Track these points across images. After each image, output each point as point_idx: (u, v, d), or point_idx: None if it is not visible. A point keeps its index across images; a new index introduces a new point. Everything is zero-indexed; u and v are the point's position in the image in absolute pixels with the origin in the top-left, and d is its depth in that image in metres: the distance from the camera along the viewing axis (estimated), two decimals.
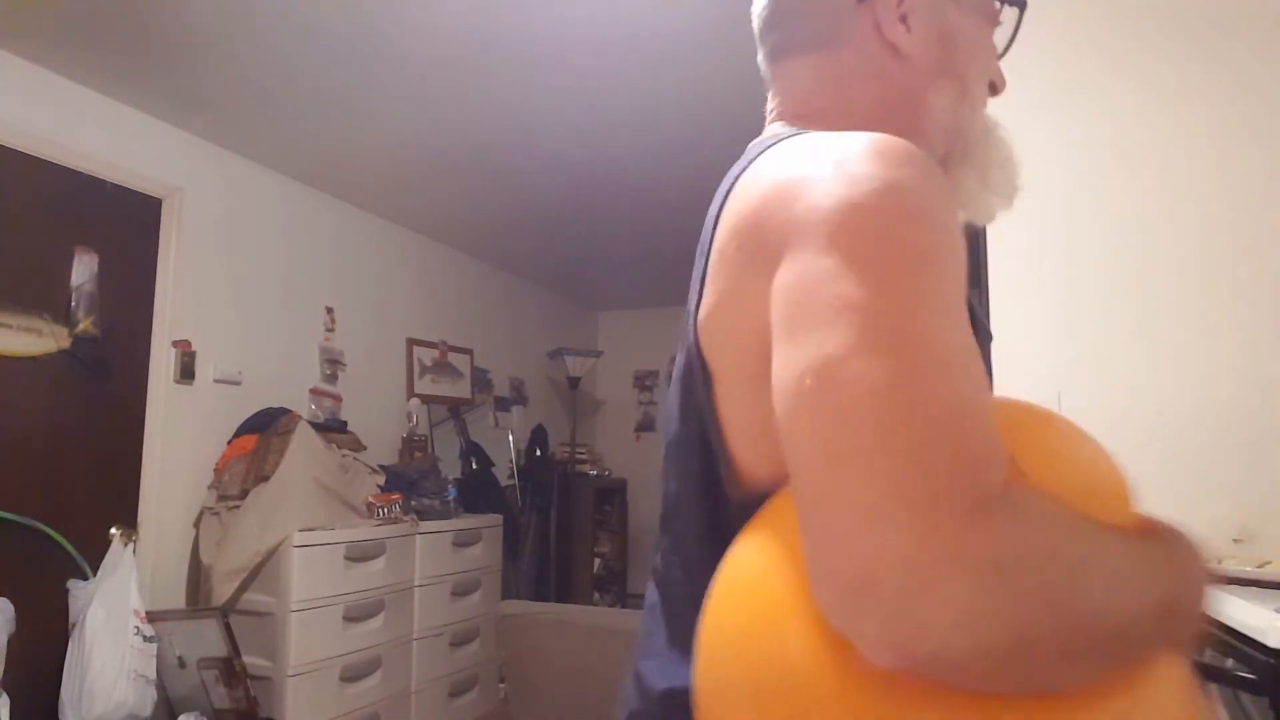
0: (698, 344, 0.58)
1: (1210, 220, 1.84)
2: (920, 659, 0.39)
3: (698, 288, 0.60)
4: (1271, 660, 1.06)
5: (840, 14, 0.66)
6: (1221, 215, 1.83)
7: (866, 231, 0.46)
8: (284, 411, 3.19)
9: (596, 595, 5.17)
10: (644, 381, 6.10)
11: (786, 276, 0.48)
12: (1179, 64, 1.90)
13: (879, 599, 0.39)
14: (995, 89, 0.69)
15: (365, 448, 3.52)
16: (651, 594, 0.67)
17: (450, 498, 3.64)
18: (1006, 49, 0.69)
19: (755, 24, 0.73)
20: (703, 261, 0.60)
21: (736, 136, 3.49)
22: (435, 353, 4.37)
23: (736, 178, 0.59)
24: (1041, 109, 1.98)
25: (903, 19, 0.64)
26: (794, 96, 0.69)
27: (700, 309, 0.59)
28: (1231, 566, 1.50)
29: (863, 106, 0.65)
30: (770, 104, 0.72)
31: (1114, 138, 1.91)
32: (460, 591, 3.55)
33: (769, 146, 0.59)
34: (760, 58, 0.74)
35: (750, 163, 0.59)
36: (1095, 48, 1.96)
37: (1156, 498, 1.86)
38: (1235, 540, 1.72)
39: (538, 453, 5.01)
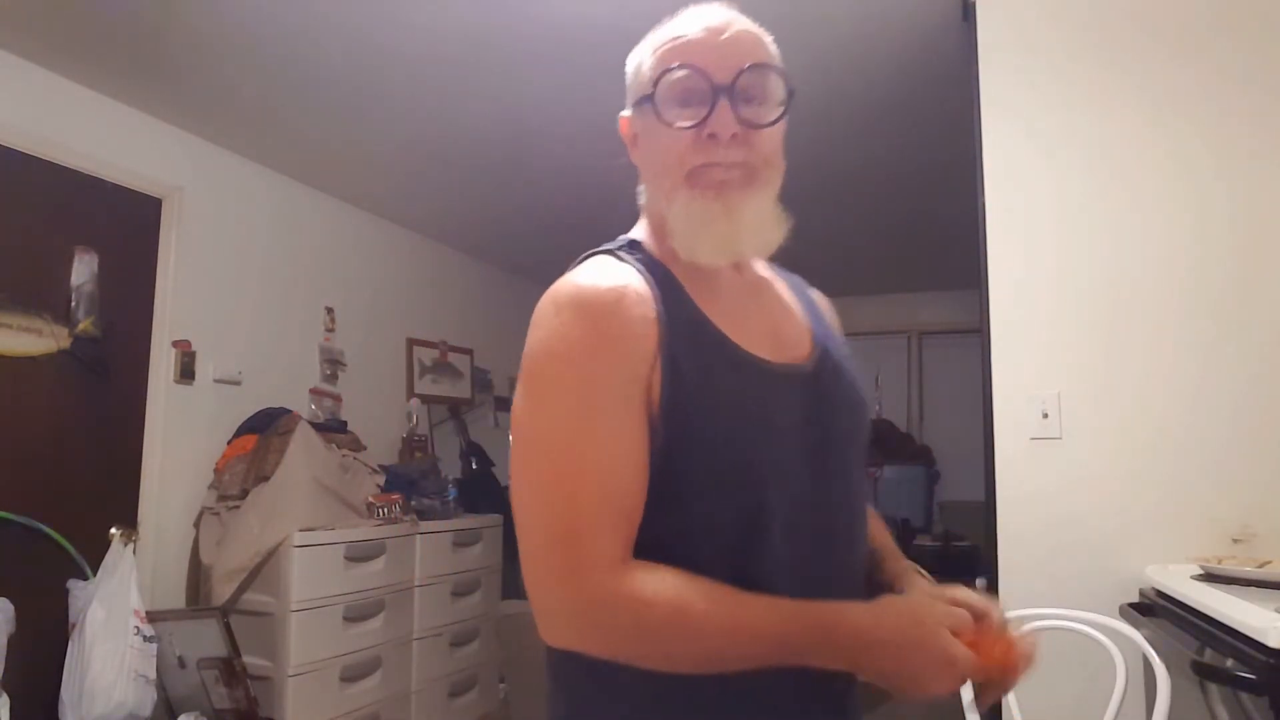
0: None
1: (1210, 220, 1.84)
2: (559, 647, 0.74)
3: None
4: (1271, 660, 1.06)
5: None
6: (1221, 215, 1.83)
7: (525, 369, 0.79)
8: (284, 411, 3.19)
9: None
10: None
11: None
12: (1178, 64, 1.90)
13: (534, 608, 0.73)
14: (699, 152, 0.80)
15: (365, 448, 3.52)
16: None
17: (450, 498, 3.64)
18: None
19: None
20: None
21: None
22: (435, 353, 4.37)
23: None
24: (1041, 109, 1.98)
25: (631, 140, 0.90)
26: None
27: None
28: (1231, 566, 1.50)
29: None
30: None
31: (1114, 138, 1.92)
32: (460, 591, 3.55)
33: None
34: None
35: None
36: (1095, 50, 1.96)
37: (1157, 497, 1.86)
38: (1235, 540, 1.72)
39: None
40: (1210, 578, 1.49)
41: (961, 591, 0.79)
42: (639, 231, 0.88)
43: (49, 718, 2.36)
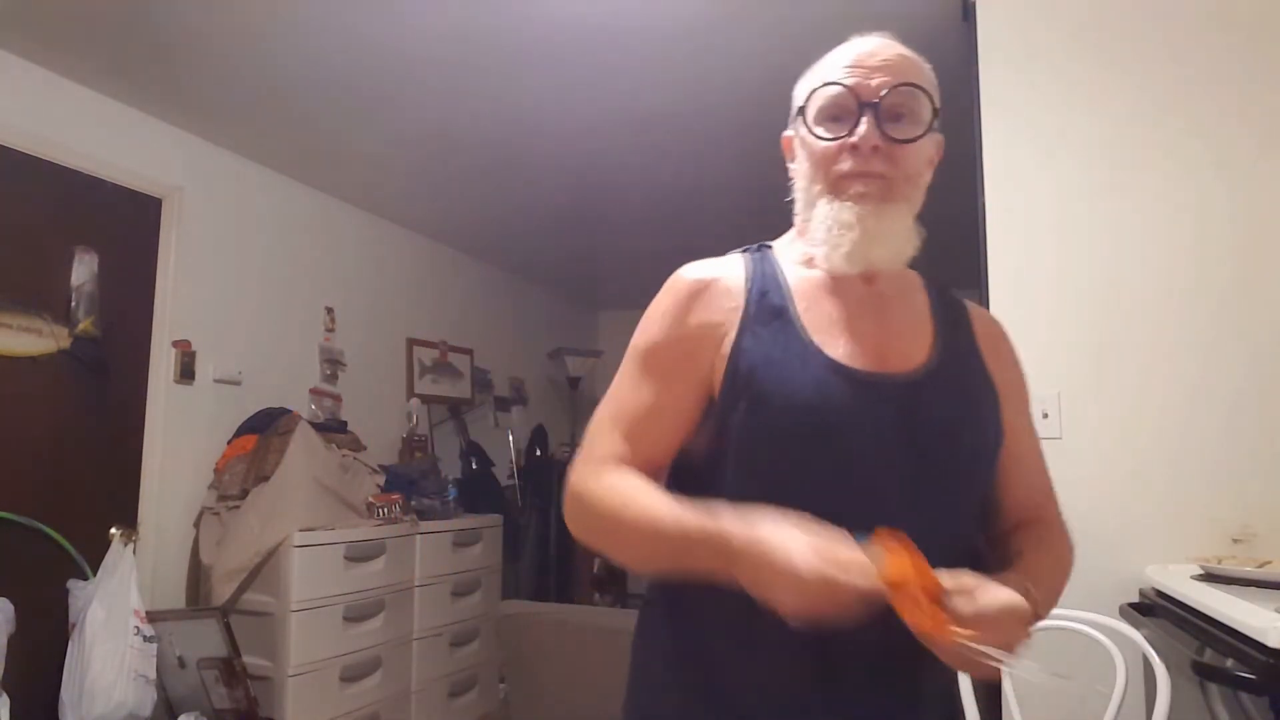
0: None
1: (1210, 220, 1.84)
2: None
3: None
4: (1271, 660, 1.06)
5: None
6: (1221, 215, 1.83)
7: None
8: (284, 411, 3.19)
9: (596, 595, 5.16)
10: None
11: None
12: (1178, 65, 1.90)
13: None
14: (843, 161, 0.85)
15: (365, 448, 3.52)
16: None
17: (450, 498, 3.64)
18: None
19: None
20: None
21: (735, 134, 3.49)
22: (435, 353, 4.37)
23: None
24: (1041, 109, 1.98)
25: (790, 156, 0.95)
26: None
27: None
28: (1231, 566, 1.50)
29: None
30: None
31: (1114, 138, 1.92)
32: (460, 591, 3.55)
33: None
34: None
35: None
36: (1095, 50, 1.96)
37: (1157, 497, 1.86)
38: (1235, 540, 1.72)
39: (538, 453, 5.01)
40: (1210, 578, 1.49)
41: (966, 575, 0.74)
42: (785, 238, 0.96)
43: (49, 718, 2.36)
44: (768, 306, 0.86)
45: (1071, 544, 0.95)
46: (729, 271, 0.89)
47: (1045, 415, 1.88)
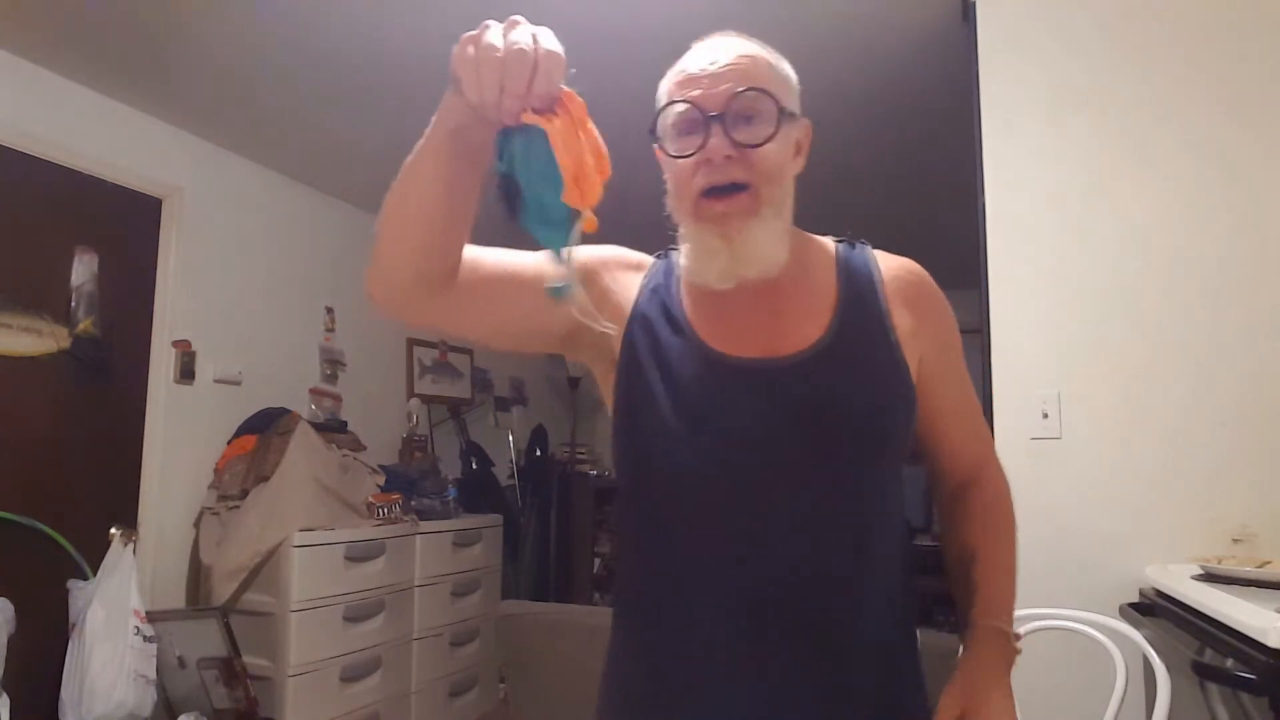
0: None
1: (1210, 220, 1.84)
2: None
3: None
4: (1271, 660, 1.06)
5: None
6: (1221, 215, 1.83)
7: None
8: (284, 411, 3.19)
9: (596, 595, 5.16)
10: None
11: None
12: (1177, 65, 1.90)
13: None
14: (700, 176, 0.85)
15: (365, 448, 3.52)
16: None
17: (450, 498, 3.64)
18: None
19: None
20: None
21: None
22: (435, 353, 4.37)
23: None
24: (1041, 109, 1.98)
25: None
26: None
27: None
28: (1231, 566, 1.50)
29: None
30: None
31: (1114, 137, 1.91)
32: (460, 591, 3.55)
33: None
34: None
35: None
36: (1095, 50, 1.96)
37: (1157, 497, 1.86)
38: (1235, 540, 1.72)
39: (538, 453, 5.01)
40: (1210, 578, 1.49)
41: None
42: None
43: (49, 718, 2.36)
44: (656, 302, 0.91)
45: (1009, 490, 0.99)
46: (643, 263, 0.97)
47: (1045, 415, 1.88)
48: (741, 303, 0.87)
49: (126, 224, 2.86)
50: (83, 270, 2.68)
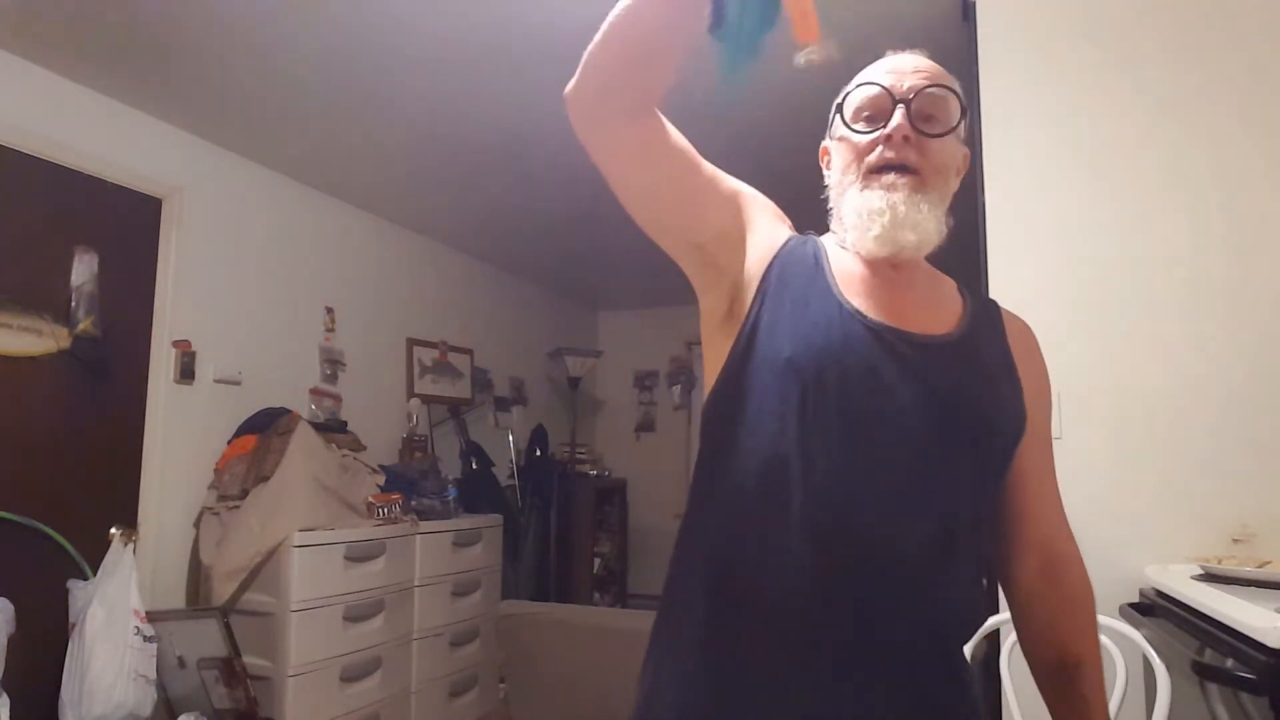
0: None
1: (1209, 220, 1.84)
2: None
3: None
4: (1271, 660, 1.06)
5: None
6: (1220, 215, 1.83)
7: None
8: (284, 411, 3.19)
9: (596, 595, 5.16)
10: (644, 381, 6.09)
11: None
12: (1177, 65, 1.90)
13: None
14: (872, 151, 0.90)
15: (365, 448, 3.52)
16: None
17: (450, 498, 3.64)
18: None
19: None
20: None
21: (734, 134, 3.49)
22: (435, 353, 4.37)
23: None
24: (1041, 109, 1.98)
25: (825, 161, 1.01)
26: None
27: None
28: (1231, 566, 1.50)
29: None
30: None
31: (1114, 138, 1.92)
32: (460, 591, 3.55)
33: None
34: None
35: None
36: (1095, 50, 1.96)
37: (1157, 497, 1.86)
38: (1235, 540, 1.72)
39: (538, 453, 5.01)
40: (1210, 578, 1.49)
41: None
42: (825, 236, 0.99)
43: (49, 718, 2.36)
44: (801, 254, 0.92)
45: (1085, 569, 0.97)
46: (788, 223, 0.99)
47: None
48: (881, 281, 0.89)
49: (126, 224, 2.86)
50: (83, 270, 2.68)
